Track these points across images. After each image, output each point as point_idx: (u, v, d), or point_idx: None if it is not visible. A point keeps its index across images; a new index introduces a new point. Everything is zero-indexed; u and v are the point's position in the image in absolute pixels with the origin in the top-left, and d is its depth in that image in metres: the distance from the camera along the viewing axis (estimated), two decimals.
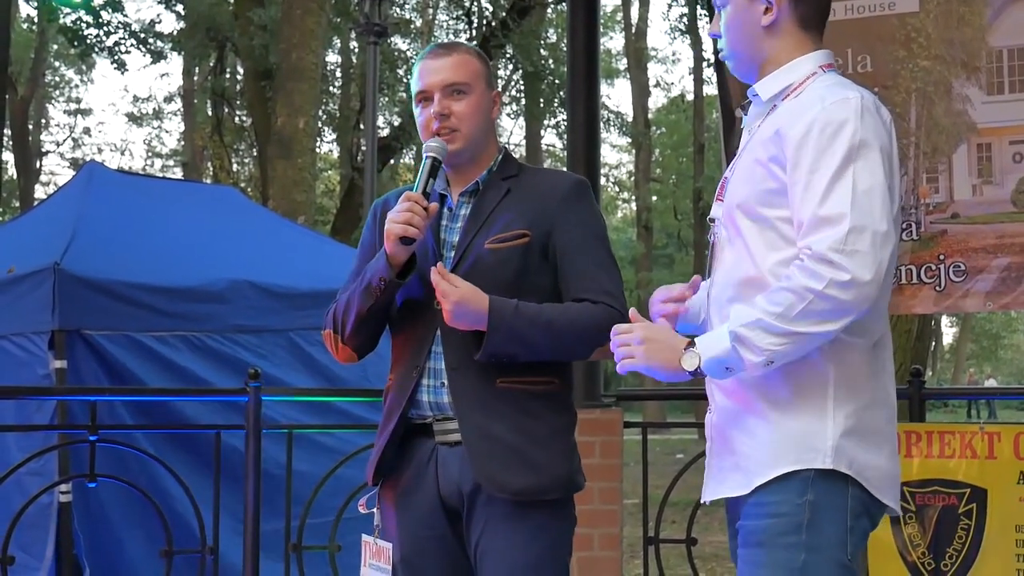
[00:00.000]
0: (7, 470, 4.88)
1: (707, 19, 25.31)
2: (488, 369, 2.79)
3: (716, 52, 5.50)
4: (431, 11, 28.11)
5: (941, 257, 4.44)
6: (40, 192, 32.75)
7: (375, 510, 3.00)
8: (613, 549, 4.89)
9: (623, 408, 5.24)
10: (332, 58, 24.83)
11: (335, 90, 24.78)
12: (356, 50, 23.95)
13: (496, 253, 2.83)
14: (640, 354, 2.44)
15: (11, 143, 27.37)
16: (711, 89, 30.63)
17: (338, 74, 25.18)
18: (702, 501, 2.60)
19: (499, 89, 3.02)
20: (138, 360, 6.17)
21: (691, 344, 2.40)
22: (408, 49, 25.03)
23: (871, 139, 2.32)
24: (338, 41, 23.99)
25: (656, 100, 39.97)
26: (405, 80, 22.15)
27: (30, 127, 31.08)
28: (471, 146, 2.93)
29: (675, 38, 34.53)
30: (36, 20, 27.24)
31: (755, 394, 2.40)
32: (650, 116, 34.88)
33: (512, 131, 36.39)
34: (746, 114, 2.64)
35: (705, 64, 29.48)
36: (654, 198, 35.42)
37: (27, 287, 6.14)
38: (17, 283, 6.21)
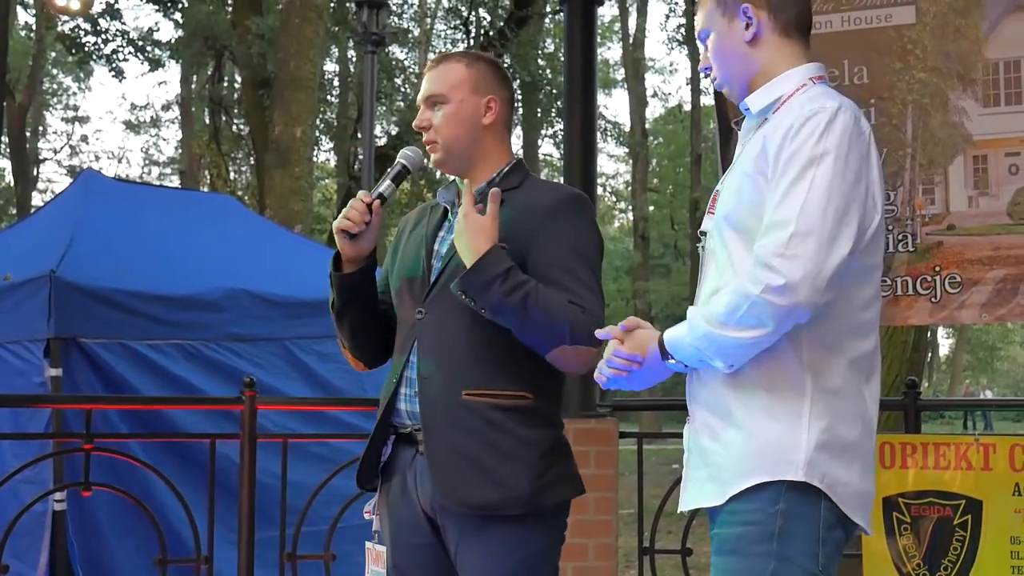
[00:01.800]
0: (2, 478, 4.88)
1: None
2: (453, 380, 2.78)
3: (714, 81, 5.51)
4: (429, 20, 28.15)
5: (937, 268, 4.44)
6: (37, 199, 32.75)
7: (376, 515, 3.01)
8: (608, 559, 4.89)
9: (618, 418, 5.24)
10: (330, 67, 24.85)
11: (333, 99, 24.80)
12: (354, 59, 23.96)
13: None
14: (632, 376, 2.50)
15: (8, 150, 27.43)
16: (708, 100, 30.63)
17: (336, 83, 25.20)
18: (679, 511, 2.61)
19: (495, 96, 2.95)
20: (133, 369, 6.17)
21: (663, 350, 2.45)
22: (406, 59, 25.09)
23: (836, 147, 2.32)
24: (336, 50, 24.00)
25: (653, 110, 40.06)
26: (403, 89, 22.20)
27: (27, 134, 31.06)
28: (454, 155, 2.93)
29: (672, 48, 34.61)
30: (34, 27, 27.30)
31: (732, 405, 2.41)
32: (647, 126, 34.87)
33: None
34: (739, 129, 2.66)
35: (702, 75, 29.47)
36: (651, 208, 35.44)
37: (23, 295, 6.14)
38: (13, 291, 6.21)
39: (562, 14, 5.62)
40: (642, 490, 5.08)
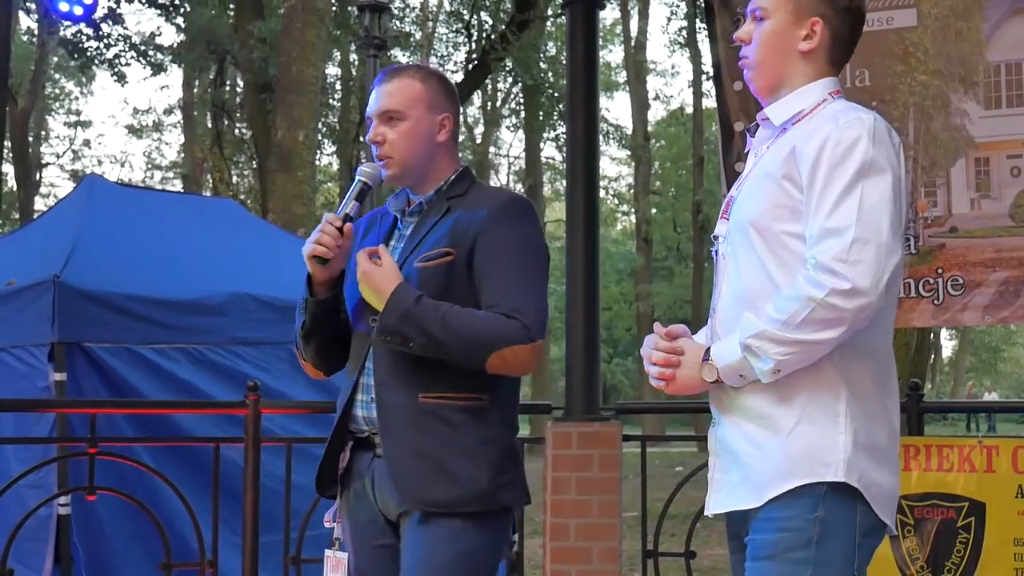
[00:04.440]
0: (6, 482, 4.89)
1: (706, 32, 25.34)
2: (412, 384, 2.82)
3: (715, 66, 5.52)
4: (431, 24, 28.17)
5: (939, 271, 4.45)
6: (40, 204, 32.76)
7: (337, 523, 3.05)
8: (612, 563, 4.89)
9: (622, 421, 5.25)
10: (332, 71, 24.87)
11: (335, 103, 24.81)
12: (356, 63, 23.98)
13: (423, 272, 2.85)
14: (675, 376, 2.53)
15: (11, 155, 27.37)
16: (710, 102, 30.61)
17: (338, 87, 25.22)
18: (707, 514, 2.63)
19: (448, 113, 3.00)
20: (138, 373, 6.18)
21: (707, 355, 2.48)
22: (408, 62, 25.06)
23: (882, 161, 2.39)
24: (338, 54, 24.02)
25: (655, 113, 40.01)
26: None
27: (30, 139, 31.07)
28: (409, 171, 2.97)
29: (674, 51, 34.57)
30: (36, 32, 27.32)
31: (766, 408, 2.44)
32: (649, 129, 34.87)
33: (512, 144, 36.51)
34: (752, 136, 2.69)
35: (704, 77, 29.49)
36: (653, 211, 35.39)
37: (27, 299, 6.14)
38: (17, 295, 6.22)
39: (564, 17, 5.62)
40: (646, 493, 5.09)
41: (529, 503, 3.03)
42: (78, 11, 6.63)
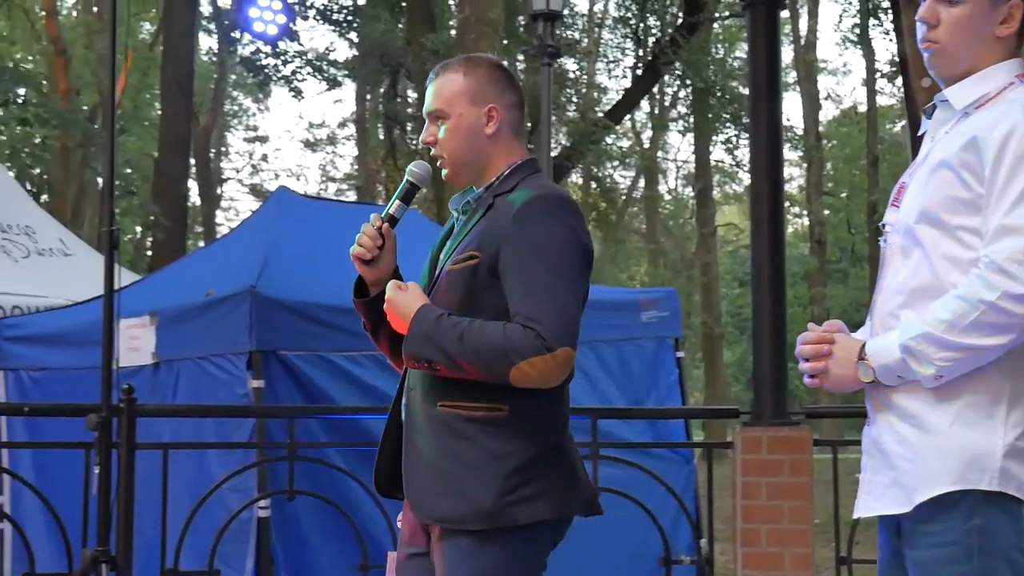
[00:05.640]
0: (210, 486, 5.09)
1: (880, 28, 24.75)
2: (431, 392, 2.77)
3: (902, 63, 5.42)
4: (598, 31, 28.19)
5: None
6: (220, 218, 33.90)
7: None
8: (805, 569, 4.84)
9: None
10: None
11: None
12: (521, 70, 24.15)
13: (451, 275, 2.81)
14: (828, 371, 2.44)
15: (195, 171, 28.39)
16: (884, 100, 30.00)
17: None
18: (853, 517, 2.54)
19: (496, 104, 2.88)
20: (330, 379, 6.30)
21: (863, 351, 2.38)
22: (576, 70, 25.17)
23: None
24: (506, 63, 24.21)
25: (827, 113, 39.23)
26: (575, 100, 22.29)
27: (211, 155, 32.16)
28: (461, 168, 2.92)
29: (846, 48, 33.82)
30: (216, 51, 28.31)
31: (922, 408, 2.33)
32: (821, 129, 34.21)
33: (680, 147, 36.23)
34: (929, 118, 2.56)
35: (878, 75, 28.84)
36: (827, 212, 34.72)
37: (225, 310, 6.34)
38: (216, 306, 6.42)
39: (732, 19, 5.58)
40: (838, 498, 5.03)
41: (579, 514, 2.81)
42: (272, 31, 6.86)
